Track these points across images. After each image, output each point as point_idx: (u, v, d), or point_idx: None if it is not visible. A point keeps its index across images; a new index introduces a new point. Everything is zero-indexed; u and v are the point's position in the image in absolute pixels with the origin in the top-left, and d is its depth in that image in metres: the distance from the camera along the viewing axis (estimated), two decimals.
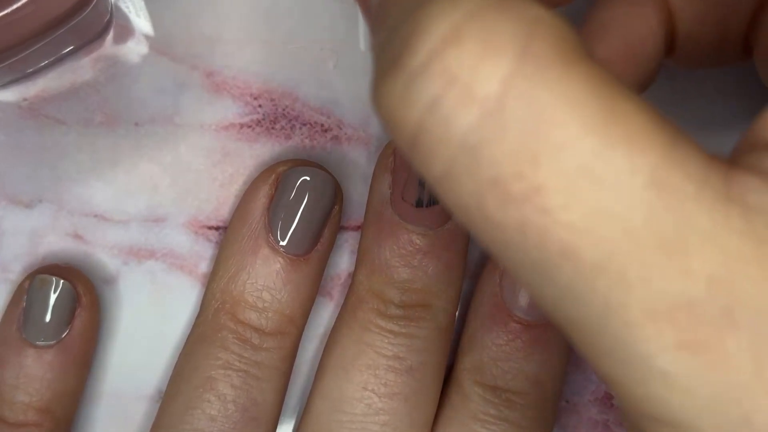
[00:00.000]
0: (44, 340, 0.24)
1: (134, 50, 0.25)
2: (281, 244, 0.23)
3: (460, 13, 0.13)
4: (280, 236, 0.23)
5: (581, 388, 0.26)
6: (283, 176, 0.24)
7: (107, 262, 0.26)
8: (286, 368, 0.24)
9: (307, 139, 0.26)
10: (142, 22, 0.25)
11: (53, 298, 0.24)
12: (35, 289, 0.24)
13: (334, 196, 0.24)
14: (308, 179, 0.24)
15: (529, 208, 0.13)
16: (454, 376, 0.24)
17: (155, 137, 0.25)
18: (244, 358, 0.23)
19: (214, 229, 0.26)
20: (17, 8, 0.19)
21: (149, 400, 0.26)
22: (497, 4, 0.13)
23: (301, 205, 0.23)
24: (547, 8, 0.13)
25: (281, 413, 0.25)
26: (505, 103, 0.13)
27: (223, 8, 0.25)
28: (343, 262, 0.26)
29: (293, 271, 0.24)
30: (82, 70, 0.25)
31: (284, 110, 0.26)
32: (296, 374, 0.26)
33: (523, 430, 0.23)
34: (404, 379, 0.23)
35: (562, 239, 0.13)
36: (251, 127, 0.26)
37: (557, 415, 0.26)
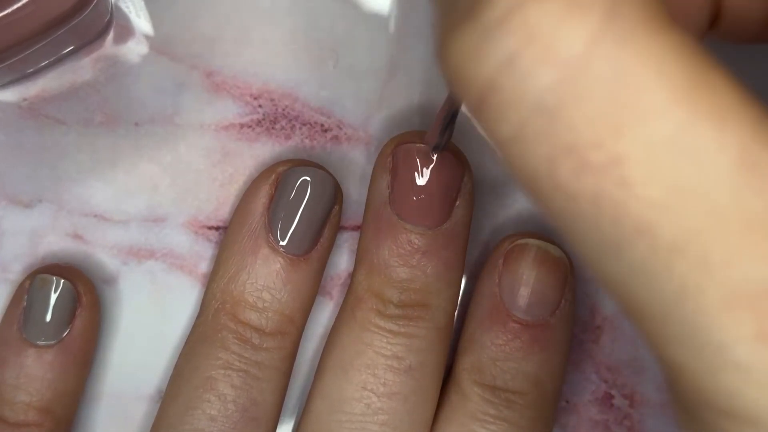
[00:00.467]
0: (45, 339, 0.24)
1: (134, 50, 0.25)
2: (281, 244, 0.23)
3: None
4: (280, 236, 0.23)
5: (581, 388, 0.26)
6: (283, 176, 0.24)
7: (107, 262, 0.26)
8: (286, 368, 0.24)
9: (307, 139, 0.26)
10: (142, 22, 0.25)
11: (54, 297, 0.24)
12: (36, 288, 0.24)
13: (334, 195, 0.24)
14: (308, 179, 0.24)
15: (606, 179, 0.12)
16: (453, 375, 0.24)
17: (155, 137, 0.25)
18: (244, 358, 0.23)
19: (214, 229, 0.26)
20: (17, 8, 0.19)
21: (149, 400, 0.26)
22: None
23: (301, 204, 0.23)
24: None
25: (281, 413, 0.25)
26: (588, 64, 0.12)
27: (223, 8, 0.25)
28: (343, 262, 0.26)
29: (293, 271, 0.24)
30: (82, 70, 0.25)
31: (284, 110, 0.26)
32: (296, 374, 0.26)
33: (522, 429, 0.23)
34: (403, 378, 0.23)
35: (639, 214, 0.12)
36: (251, 127, 0.26)
37: (557, 415, 0.26)
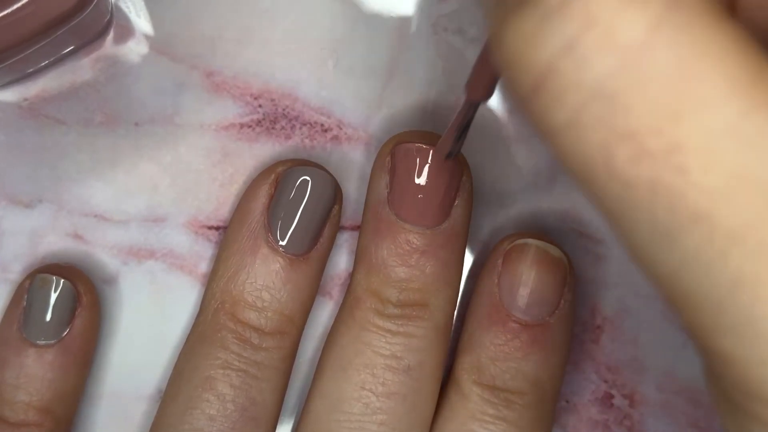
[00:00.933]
0: (45, 339, 0.24)
1: (134, 50, 0.25)
2: (281, 243, 0.23)
3: None
4: (279, 236, 0.23)
5: (581, 388, 0.26)
6: (282, 176, 0.24)
7: (107, 262, 0.26)
8: (285, 368, 0.24)
9: (307, 139, 0.26)
10: (142, 22, 0.25)
11: (54, 297, 0.24)
12: (36, 288, 0.24)
13: (333, 195, 0.24)
14: (308, 179, 0.24)
15: (664, 166, 0.12)
16: (452, 375, 0.24)
17: (155, 137, 0.25)
18: (243, 357, 0.23)
19: (214, 229, 0.26)
20: (17, 8, 0.19)
21: (149, 400, 0.26)
22: None
23: (300, 204, 0.23)
24: None
25: (281, 413, 0.25)
26: (649, 51, 0.12)
27: (223, 8, 0.25)
28: (342, 261, 0.26)
29: (293, 270, 0.24)
30: (82, 70, 0.25)
31: (284, 110, 0.26)
32: (295, 374, 0.26)
33: (521, 429, 0.23)
34: (402, 378, 0.23)
35: (696, 202, 0.12)
36: (251, 127, 0.26)
37: (557, 415, 0.26)
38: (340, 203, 0.24)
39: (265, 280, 0.23)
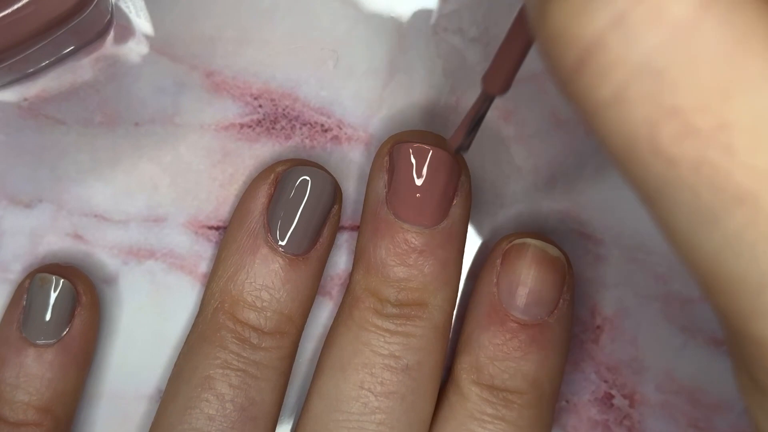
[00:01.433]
0: (44, 339, 0.24)
1: (134, 50, 0.25)
2: (280, 243, 0.23)
3: None
4: (279, 236, 0.23)
5: (581, 388, 0.26)
6: (282, 176, 0.24)
7: (107, 262, 0.26)
8: (285, 367, 0.24)
9: (307, 139, 0.26)
10: (142, 22, 0.25)
11: (53, 297, 0.24)
12: (35, 287, 0.24)
13: (333, 195, 0.24)
14: (307, 179, 0.24)
15: (710, 144, 0.12)
16: (451, 375, 0.24)
17: (155, 137, 0.25)
18: (242, 357, 0.23)
19: (214, 229, 0.26)
20: (18, 8, 0.19)
21: (149, 400, 0.26)
22: None
23: (300, 204, 0.23)
24: None
25: (280, 412, 0.25)
26: (699, 27, 0.12)
27: (223, 8, 0.25)
28: (342, 261, 0.26)
29: (292, 270, 0.24)
30: (82, 70, 0.25)
31: (284, 110, 0.26)
32: (295, 374, 0.26)
33: (520, 429, 0.23)
34: (400, 377, 0.23)
35: (741, 183, 0.12)
36: (251, 127, 0.26)
37: (557, 415, 0.26)
38: (339, 203, 0.24)
39: (264, 280, 0.23)
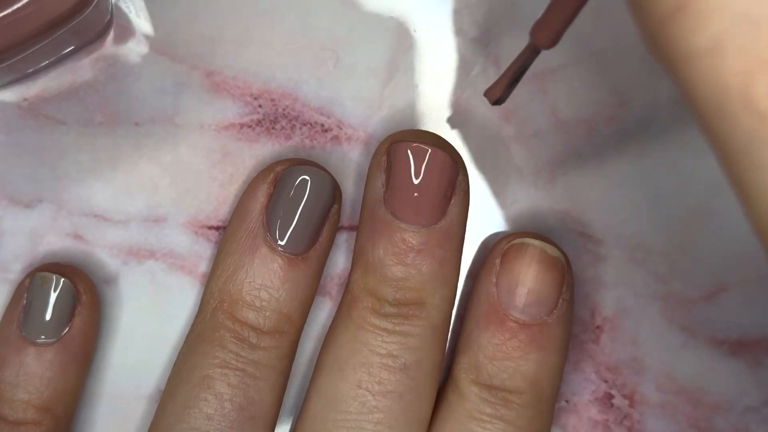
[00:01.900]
0: (44, 338, 0.24)
1: (134, 50, 0.25)
2: (279, 243, 0.23)
3: None
4: (278, 235, 0.23)
5: (581, 388, 0.26)
6: (281, 175, 0.24)
7: (107, 262, 0.26)
8: (284, 367, 0.24)
9: (307, 139, 0.26)
10: (142, 22, 0.25)
11: (53, 296, 0.24)
12: (36, 286, 0.24)
13: (332, 195, 0.24)
14: (306, 178, 0.24)
15: None
16: (450, 375, 0.24)
17: (155, 137, 0.25)
18: (241, 357, 0.23)
19: (214, 229, 0.26)
20: (18, 8, 0.19)
21: (149, 399, 0.26)
22: None
23: (299, 204, 0.23)
24: None
25: (280, 412, 0.25)
26: None
27: (223, 8, 0.25)
28: (342, 261, 0.26)
29: (291, 270, 0.24)
30: (82, 70, 0.25)
31: (284, 110, 0.26)
32: (294, 373, 0.26)
33: (519, 429, 0.23)
34: (398, 377, 0.23)
35: None
36: (251, 127, 0.26)
37: (557, 415, 0.26)
38: (339, 202, 0.24)
39: (263, 279, 0.23)
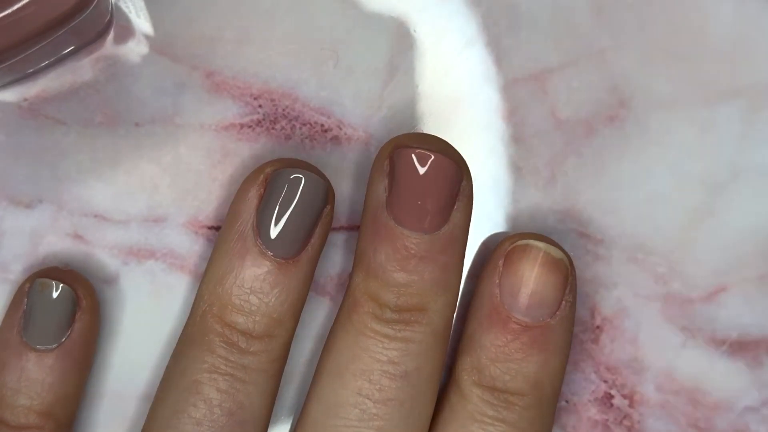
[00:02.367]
0: (45, 344, 0.24)
1: (134, 50, 0.25)
2: (269, 246, 0.23)
3: None
4: (268, 239, 0.23)
5: (581, 388, 0.26)
6: (271, 177, 0.23)
7: (107, 262, 0.26)
8: (275, 370, 0.24)
9: (307, 139, 0.26)
10: (142, 22, 0.25)
11: (54, 302, 0.24)
12: (36, 292, 0.24)
13: (325, 196, 0.23)
14: (297, 179, 0.23)
15: None
16: (452, 376, 0.24)
17: (155, 137, 0.25)
18: (230, 361, 0.23)
19: (214, 229, 0.26)
20: (18, 8, 0.19)
21: (149, 400, 0.26)
22: None
23: (290, 206, 0.23)
24: None
25: (276, 416, 0.25)
26: None
27: (223, 8, 0.25)
28: (342, 262, 0.26)
29: (282, 274, 0.23)
30: (82, 70, 0.25)
31: (284, 110, 0.26)
32: (293, 375, 0.26)
33: (521, 431, 0.23)
34: (399, 384, 0.23)
35: None
36: (251, 127, 0.26)
37: (557, 415, 0.26)
38: (332, 203, 0.24)
39: (253, 283, 0.23)
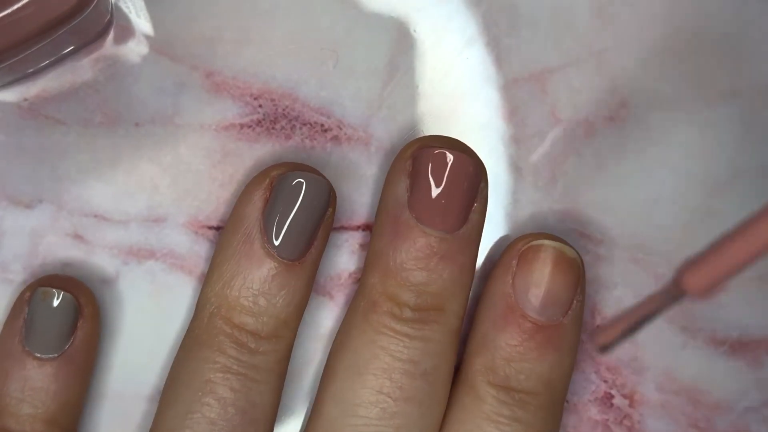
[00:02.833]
0: (48, 352, 0.24)
1: (134, 50, 0.25)
2: (276, 248, 0.23)
3: None
4: (275, 241, 0.23)
5: (581, 388, 0.26)
6: (277, 180, 0.24)
7: (107, 262, 0.26)
8: (281, 370, 0.24)
9: (307, 139, 0.26)
10: (142, 22, 0.25)
11: (56, 310, 0.24)
12: (37, 301, 0.24)
13: (327, 198, 0.24)
14: (303, 183, 0.23)
15: None
16: (464, 377, 0.24)
17: (155, 137, 0.25)
18: (241, 361, 0.23)
19: (214, 229, 0.26)
20: (18, 8, 0.19)
21: (149, 400, 0.26)
22: None
23: (296, 209, 0.23)
24: None
25: (279, 416, 0.25)
26: None
27: (223, 8, 0.25)
28: (342, 262, 0.26)
29: (288, 275, 0.23)
30: (82, 70, 0.25)
31: (284, 110, 0.26)
32: (293, 375, 0.26)
33: (535, 431, 0.23)
34: (419, 383, 0.23)
35: None
36: (251, 127, 0.26)
37: None
38: (333, 206, 0.24)
39: (261, 285, 0.23)
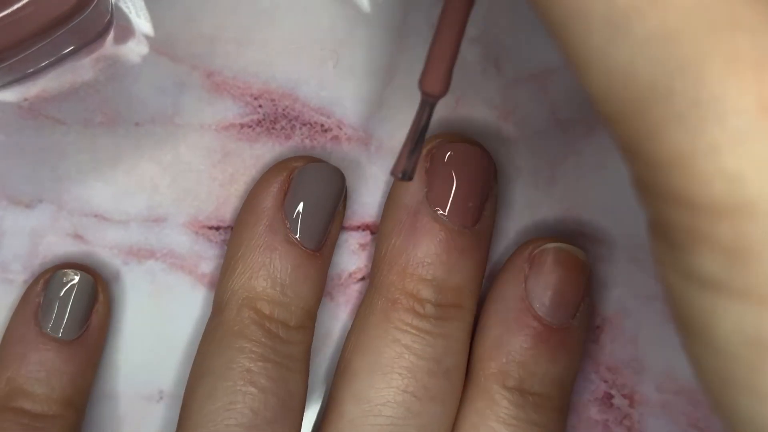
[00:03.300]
0: (67, 334, 0.24)
1: (134, 50, 0.25)
2: (299, 239, 0.23)
3: None
4: (297, 231, 0.23)
5: (581, 388, 0.26)
6: (298, 172, 0.24)
7: (107, 262, 0.26)
8: (308, 360, 0.24)
9: (307, 139, 0.26)
10: (142, 22, 0.25)
11: (77, 292, 0.24)
12: (58, 282, 0.24)
13: (341, 191, 0.24)
14: (323, 175, 0.24)
15: None
16: (475, 381, 0.24)
17: (155, 137, 0.25)
18: (278, 351, 0.23)
19: (214, 229, 0.26)
20: (18, 8, 0.19)
21: (149, 400, 0.26)
22: None
23: (316, 200, 0.24)
24: None
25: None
26: None
27: (223, 8, 0.25)
28: (342, 261, 0.26)
29: (311, 265, 0.24)
30: (82, 70, 0.25)
31: (284, 110, 0.26)
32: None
33: None
34: (441, 381, 0.23)
35: None
36: (251, 127, 0.26)
37: None
38: (345, 199, 0.25)
39: (287, 275, 0.23)
